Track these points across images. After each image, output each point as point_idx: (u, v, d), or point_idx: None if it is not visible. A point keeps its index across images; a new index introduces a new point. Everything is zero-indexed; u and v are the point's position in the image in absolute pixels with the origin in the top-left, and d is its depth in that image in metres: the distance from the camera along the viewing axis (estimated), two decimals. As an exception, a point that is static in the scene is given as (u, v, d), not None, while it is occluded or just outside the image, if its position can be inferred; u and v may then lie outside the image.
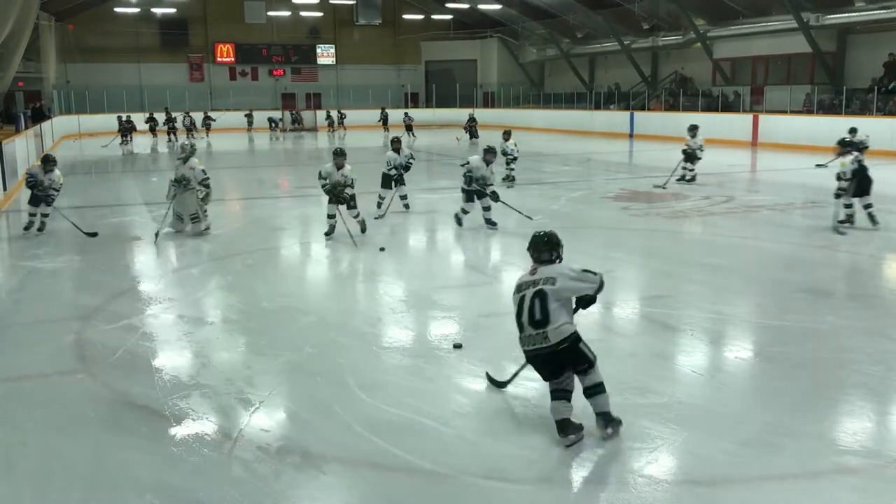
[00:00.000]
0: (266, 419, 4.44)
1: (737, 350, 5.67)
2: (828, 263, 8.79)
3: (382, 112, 32.95)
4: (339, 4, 38.24)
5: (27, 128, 21.89)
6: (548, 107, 35.30)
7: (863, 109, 21.60)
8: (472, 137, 26.75)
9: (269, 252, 9.42)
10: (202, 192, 9.93)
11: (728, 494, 3.65)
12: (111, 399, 4.80)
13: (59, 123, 29.79)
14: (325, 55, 40.36)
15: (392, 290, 7.49)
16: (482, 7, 36.03)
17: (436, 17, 39.36)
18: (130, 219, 11.59)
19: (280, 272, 8.61)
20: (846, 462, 3.88)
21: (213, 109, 33.69)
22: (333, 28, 40.08)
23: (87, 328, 6.16)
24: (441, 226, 11.27)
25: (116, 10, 34.86)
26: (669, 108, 28.12)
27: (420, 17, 39.58)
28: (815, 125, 21.33)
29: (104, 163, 22.30)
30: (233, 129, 32.85)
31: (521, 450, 4.01)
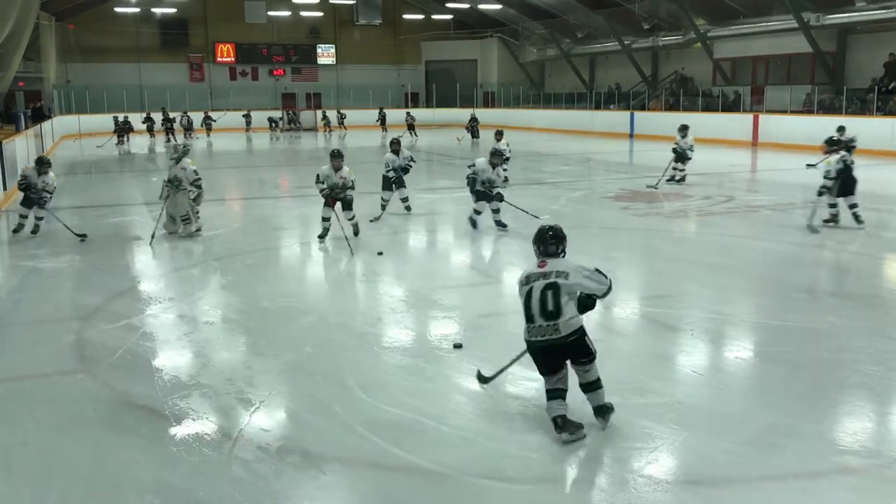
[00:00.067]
0: (266, 419, 4.44)
1: (737, 350, 5.68)
2: (828, 263, 8.80)
3: (381, 112, 32.95)
4: (340, 4, 38.23)
5: (27, 128, 21.90)
6: (548, 107, 35.34)
7: (863, 109, 21.60)
8: (474, 137, 26.77)
9: (269, 252, 9.42)
10: (194, 193, 9.86)
11: (728, 494, 3.65)
12: (111, 399, 4.80)
13: (60, 123, 29.80)
14: (326, 55, 40.37)
15: (392, 290, 7.49)
16: (482, 7, 36.04)
17: (436, 17, 39.37)
18: (130, 219, 11.59)
19: (280, 272, 8.61)
20: (846, 462, 3.88)
21: (214, 109, 33.67)
22: (334, 28, 40.09)
23: (87, 328, 6.16)
24: (441, 226, 11.28)
25: (116, 10, 34.85)
26: (670, 108, 28.11)
27: (420, 17, 39.59)
28: (816, 125, 21.26)
29: (104, 163, 22.30)
30: (232, 129, 32.84)
31: (521, 450, 4.01)
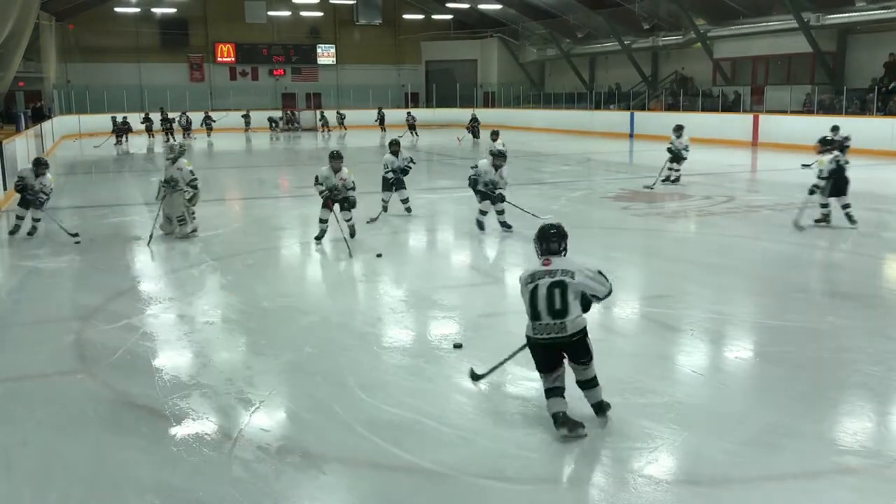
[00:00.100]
0: (266, 419, 4.44)
1: (737, 350, 5.68)
2: (828, 263, 8.81)
3: (379, 112, 32.90)
4: (340, 4, 38.23)
5: (27, 128, 21.91)
6: (548, 107, 35.32)
7: (863, 109, 21.60)
8: (475, 137, 26.78)
9: (269, 252, 9.42)
10: (189, 193, 9.80)
11: (728, 494, 3.65)
12: (111, 399, 4.80)
13: (60, 123, 29.81)
14: (326, 55, 40.36)
15: (392, 290, 7.49)
16: (482, 7, 36.03)
17: (436, 17, 39.36)
18: (130, 219, 11.58)
19: (280, 272, 8.61)
20: (846, 462, 3.88)
21: (214, 109, 33.66)
22: (334, 28, 40.08)
23: (87, 328, 6.16)
24: (441, 226, 11.28)
25: (116, 10, 34.84)
26: (669, 108, 28.09)
27: (420, 17, 39.58)
28: (816, 125, 21.16)
29: (104, 163, 22.30)
30: (232, 130, 32.82)
31: (521, 450, 4.01)
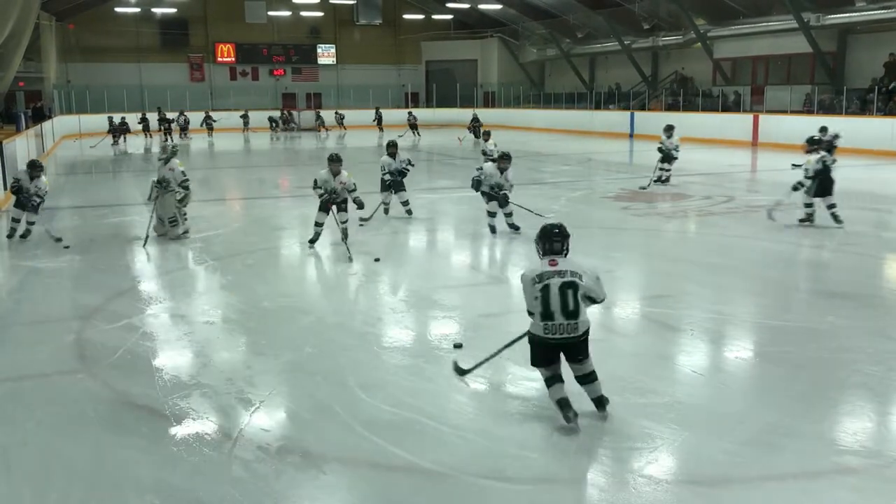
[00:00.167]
0: (266, 419, 4.44)
1: (737, 350, 5.68)
2: (828, 263, 8.80)
3: (377, 112, 32.83)
4: (340, 4, 38.22)
5: (28, 128, 21.91)
6: (548, 107, 35.33)
7: (863, 109, 21.59)
8: (477, 138, 26.77)
9: (269, 252, 9.42)
10: (180, 194, 9.71)
11: (728, 494, 3.65)
12: (111, 399, 4.80)
13: (60, 123, 29.81)
14: (326, 55, 40.35)
15: (392, 290, 7.50)
16: (482, 7, 36.03)
17: (436, 17, 39.36)
18: (130, 219, 11.57)
19: (280, 272, 8.61)
20: (846, 462, 3.88)
21: (214, 110, 33.65)
22: (334, 28, 40.08)
23: (87, 328, 6.16)
24: (441, 226, 11.28)
25: (117, 10, 34.84)
26: (670, 109, 28.08)
27: (420, 17, 39.58)
28: (816, 125, 21.13)
29: (104, 163, 22.30)
30: (232, 130, 32.81)
31: (521, 450, 4.01)
